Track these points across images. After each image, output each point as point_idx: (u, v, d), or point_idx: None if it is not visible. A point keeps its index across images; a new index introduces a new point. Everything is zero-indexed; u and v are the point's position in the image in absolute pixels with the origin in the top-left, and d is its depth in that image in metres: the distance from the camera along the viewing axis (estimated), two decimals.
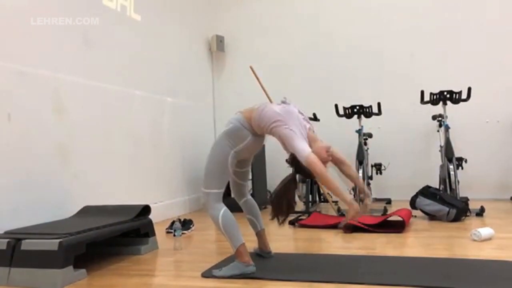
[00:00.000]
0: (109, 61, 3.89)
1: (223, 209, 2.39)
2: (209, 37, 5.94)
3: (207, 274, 2.40)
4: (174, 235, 3.15)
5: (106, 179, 3.70)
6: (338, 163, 2.42)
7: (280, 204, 2.32)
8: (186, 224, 3.78)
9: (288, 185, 2.36)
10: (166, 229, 3.76)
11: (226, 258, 2.66)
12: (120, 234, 2.84)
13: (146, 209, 3.10)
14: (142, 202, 3.23)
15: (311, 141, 2.30)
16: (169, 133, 4.85)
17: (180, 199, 4.94)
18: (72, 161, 3.36)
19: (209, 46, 5.95)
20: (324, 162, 2.28)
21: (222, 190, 2.45)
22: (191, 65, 5.54)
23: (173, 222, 3.61)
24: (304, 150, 2.18)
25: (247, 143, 2.39)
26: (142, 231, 3.02)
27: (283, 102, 2.42)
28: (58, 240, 2.31)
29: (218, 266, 2.49)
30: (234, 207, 2.49)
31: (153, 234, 3.12)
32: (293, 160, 2.30)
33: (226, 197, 2.52)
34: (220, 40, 5.91)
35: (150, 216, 3.12)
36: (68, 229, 2.53)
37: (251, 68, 4.21)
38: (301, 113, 2.40)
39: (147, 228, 3.06)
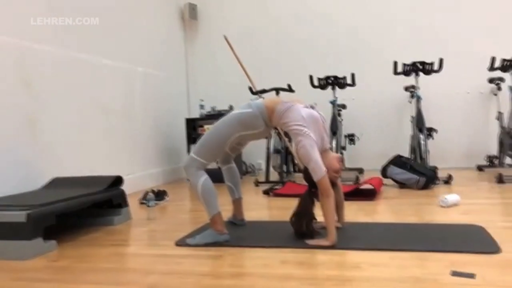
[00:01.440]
0: (77, 29, 3.73)
1: (204, 177, 2.39)
2: (181, 4, 5.77)
3: (181, 243, 2.40)
4: (148, 206, 3.13)
5: (77, 151, 3.62)
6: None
7: (301, 223, 2.33)
8: (159, 195, 3.76)
9: (305, 203, 2.35)
10: (139, 199, 3.73)
11: (200, 228, 2.67)
12: (91, 205, 2.81)
13: (118, 180, 3.05)
14: (115, 174, 3.18)
15: (322, 152, 2.29)
16: (141, 104, 4.75)
17: (154, 171, 4.90)
18: (41, 133, 3.25)
19: (182, 14, 5.79)
20: (337, 172, 2.34)
21: (209, 164, 2.45)
22: (163, 33, 5.39)
23: (146, 193, 3.59)
24: (321, 170, 2.18)
25: (257, 132, 2.39)
26: (115, 201, 2.99)
27: (311, 107, 2.38)
28: (26, 212, 2.27)
29: (192, 235, 2.49)
30: (214, 178, 2.47)
31: (126, 204, 3.09)
32: (307, 176, 2.30)
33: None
34: (192, 8, 5.75)
35: (124, 188, 3.09)
36: (37, 200, 2.48)
37: (225, 37, 4.12)
38: (323, 121, 2.38)
39: (120, 198, 3.03)
